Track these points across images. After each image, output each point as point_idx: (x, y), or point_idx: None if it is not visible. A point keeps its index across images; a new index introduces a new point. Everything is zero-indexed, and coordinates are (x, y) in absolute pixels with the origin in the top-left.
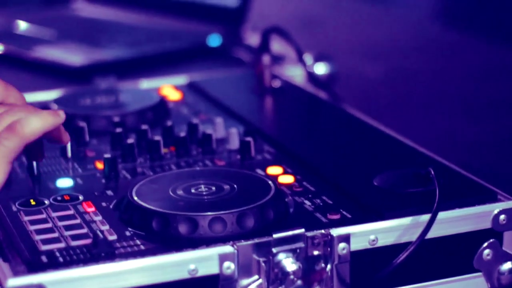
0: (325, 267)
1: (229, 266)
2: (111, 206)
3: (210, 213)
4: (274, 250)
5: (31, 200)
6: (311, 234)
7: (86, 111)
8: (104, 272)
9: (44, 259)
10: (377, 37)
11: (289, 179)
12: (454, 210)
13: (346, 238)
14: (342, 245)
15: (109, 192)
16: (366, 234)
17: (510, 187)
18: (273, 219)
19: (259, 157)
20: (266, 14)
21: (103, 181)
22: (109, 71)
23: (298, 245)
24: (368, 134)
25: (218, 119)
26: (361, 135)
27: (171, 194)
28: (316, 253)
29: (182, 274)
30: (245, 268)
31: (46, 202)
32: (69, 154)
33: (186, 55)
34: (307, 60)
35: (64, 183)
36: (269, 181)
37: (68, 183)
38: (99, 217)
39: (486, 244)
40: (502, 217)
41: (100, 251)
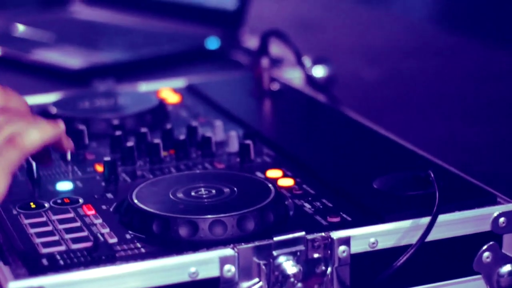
0: (326, 270)
1: (230, 269)
2: (111, 209)
3: (211, 216)
4: (275, 253)
5: (31, 203)
6: (312, 237)
7: (85, 114)
8: (105, 275)
9: (45, 262)
10: (375, 40)
11: (289, 182)
12: (454, 213)
13: (346, 241)
14: (342, 248)
15: (109, 195)
16: (366, 237)
17: (509, 190)
18: (273, 222)
19: (259, 160)
20: (264, 17)
21: (103, 184)
22: (107, 74)
23: (299, 248)
24: (367, 137)
25: (218, 122)
26: (360, 138)
27: (171, 197)
28: (316, 256)
29: (183, 277)
30: (246, 271)
31: (46, 205)
32: (69, 157)
33: (185, 58)
34: (306, 63)
35: (64, 186)
36: (269, 184)
37: (68, 186)
38: (99, 220)
39: (486, 247)
40: (502, 220)
41: (101, 254)
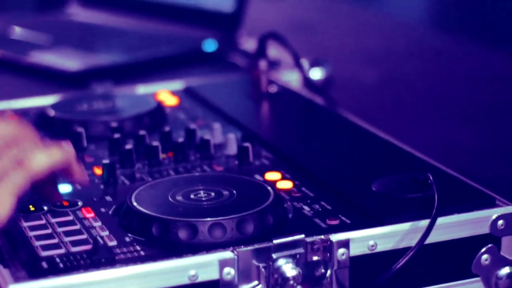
0: (325, 273)
1: (229, 272)
2: (110, 212)
3: (210, 219)
4: (274, 256)
5: (30, 206)
6: (311, 240)
7: (84, 117)
8: (105, 278)
9: (45, 265)
10: (372, 42)
11: (288, 185)
12: (453, 216)
13: (346, 244)
14: (342, 251)
15: (108, 198)
16: (365, 240)
17: (508, 192)
18: (273, 225)
19: (257, 163)
20: (261, 20)
21: (102, 187)
22: (105, 76)
23: (298, 251)
24: (365, 139)
25: (216, 125)
26: (359, 140)
27: (171, 200)
28: (316, 259)
29: (182, 280)
30: (245, 274)
31: (45, 208)
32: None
33: (182, 60)
34: (304, 65)
35: (63, 189)
36: (268, 187)
37: (67, 189)
38: (99, 223)
39: (484, 249)
40: (500, 222)
41: (101, 257)
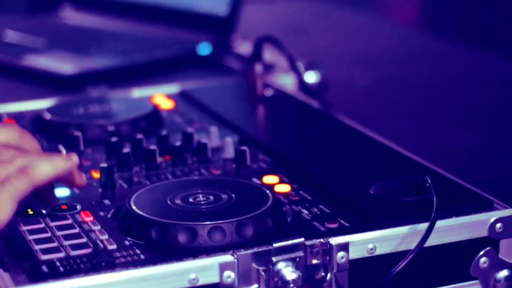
0: (325, 276)
1: (229, 275)
2: (109, 216)
3: (210, 223)
4: (274, 259)
5: (29, 210)
6: (310, 243)
7: (80, 120)
8: (105, 282)
9: (45, 269)
10: (365, 46)
11: (286, 188)
12: (451, 219)
13: (345, 247)
14: (341, 254)
15: (106, 202)
16: (365, 243)
17: (506, 195)
18: (272, 228)
19: (255, 166)
20: (253, 23)
21: (100, 190)
22: (100, 80)
23: (298, 254)
24: (362, 143)
25: (213, 128)
26: (356, 144)
27: (169, 204)
28: (315, 262)
29: (183, 284)
30: (245, 277)
31: (44, 212)
32: None
33: (176, 64)
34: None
35: (61, 193)
36: (267, 190)
37: (65, 193)
38: (98, 227)
39: (483, 252)
40: (499, 225)
41: (101, 261)
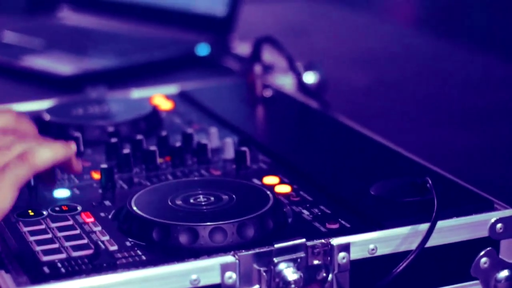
0: (326, 277)
1: (231, 276)
2: (110, 217)
3: (211, 223)
4: (275, 260)
5: (29, 211)
6: (312, 244)
7: (80, 121)
8: (107, 283)
9: (46, 270)
10: (363, 46)
11: (286, 189)
12: (452, 219)
13: (346, 247)
14: (342, 254)
15: (107, 203)
16: (366, 244)
17: (506, 195)
18: (273, 229)
19: (255, 167)
20: (251, 23)
21: (100, 191)
22: (98, 81)
23: (299, 255)
24: (362, 143)
25: (213, 129)
26: (355, 144)
27: (170, 204)
28: (316, 263)
29: (184, 284)
30: (246, 278)
31: (45, 213)
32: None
33: (175, 64)
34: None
35: (61, 194)
36: (267, 191)
37: (65, 194)
38: (99, 228)
39: (483, 252)
40: (499, 226)
41: (102, 262)
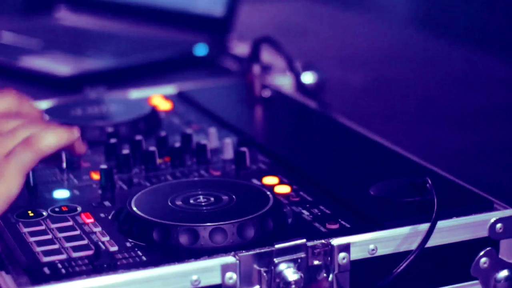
0: (326, 277)
1: (231, 277)
2: (110, 217)
3: (211, 224)
4: (276, 260)
5: (29, 212)
6: (312, 244)
7: (79, 122)
8: (107, 284)
9: (47, 271)
10: (360, 46)
11: (286, 189)
12: (452, 219)
13: (346, 248)
14: (342, 255)
15: (107, 203)
16: (366, 244)
17: (505, 196)
18: (273, 229)
19: (254, 167)
20: (250, 24)
21: (100, 192)
22: (97, 81)
23: (299, 255)
24: (361, 143)
25: (212, 129)
26: (354, 144)
27: (170, 205)
28: (317, 263)
29: (185, 285)
30: (247, 278)
31: (44, 214)
32: (64, 165)
33: (173, 65)
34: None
35: (61, 194)
36: (267, 191)
37: (65, 194)
38: (99, 228)
39: (483, 252)
40: (499, 226)
41: (102, 263)
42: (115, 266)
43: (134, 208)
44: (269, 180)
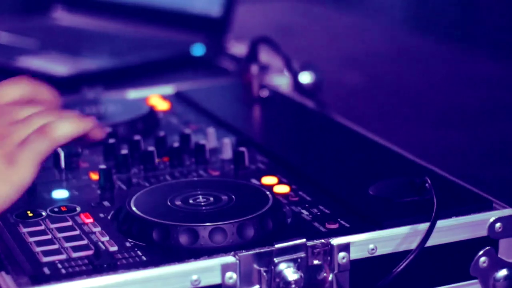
0: (326, 276)
1: (231, 276)
2: (109, 217)
3: (211, 224)
4: (276, 260)
5: (28, 212)
6: (312, 244)
7: None
8: (107, 284)
9: (47, 271)
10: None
11: (285, 189)
12: (451, 219)
13: (346, 247)
14: (342, 254)
15: (106, 203)
16: (366, 243)
17: (504, 195)
18: (272, 229)
19: (253, 167)
20: (247, 24)
21: (99, 192)
22: (94, 81)
23: (299, 255)
24: (360, 143)
25: (210, 129)
26: (353, 144)
27: (170, 205)
28: (317, 263)
29: (185, 285)
30: (247, 278)
31: (44, 214)
32: (63, 165)
33: (170, 65)
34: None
35: (60, 194)
36: (267, 191)
37: (64, 194)
38: (98, 228)
39: (482, 252)
40: (498, 225)
41: (102, 263)
42: (115, 266)
43: (134, 208)
44: (268, 180)
